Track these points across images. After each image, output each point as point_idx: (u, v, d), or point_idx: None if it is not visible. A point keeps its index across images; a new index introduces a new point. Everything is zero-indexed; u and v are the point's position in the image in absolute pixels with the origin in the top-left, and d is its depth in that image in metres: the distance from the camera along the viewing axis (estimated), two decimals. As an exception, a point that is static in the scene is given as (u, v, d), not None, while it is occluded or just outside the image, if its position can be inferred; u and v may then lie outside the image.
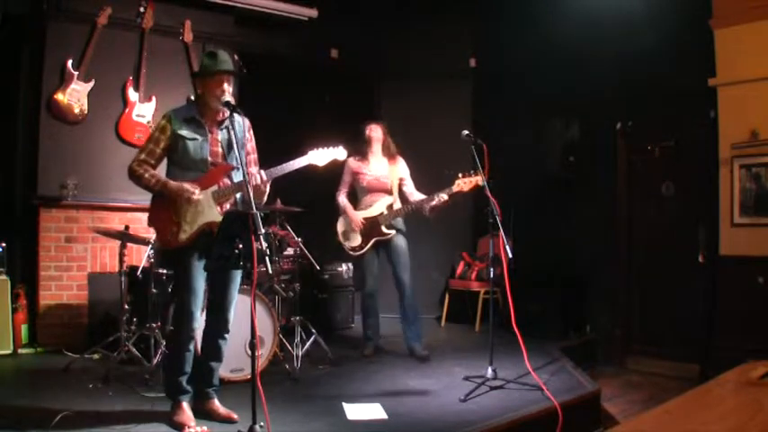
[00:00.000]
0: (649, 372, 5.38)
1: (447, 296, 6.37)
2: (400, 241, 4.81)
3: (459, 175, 4.45)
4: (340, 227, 4.92)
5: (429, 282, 6.70)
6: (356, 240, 4.81)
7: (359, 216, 4.79)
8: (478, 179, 4.29)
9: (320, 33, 6.41)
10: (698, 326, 5.11)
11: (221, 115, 3.30)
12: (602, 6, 5.60)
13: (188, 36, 5.58)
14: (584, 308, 6.00)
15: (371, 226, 4.77)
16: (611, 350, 5.75)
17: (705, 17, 5.00)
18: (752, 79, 4.77)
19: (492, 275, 4.31)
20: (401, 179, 4.87)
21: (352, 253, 4.85)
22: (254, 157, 3.47)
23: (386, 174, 4.85)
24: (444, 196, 4.50)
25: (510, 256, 3.87)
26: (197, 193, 3.16)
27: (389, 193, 4.84)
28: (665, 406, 2.13)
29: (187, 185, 3.17)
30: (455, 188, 4.46)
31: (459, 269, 6.40)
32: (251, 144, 3.46)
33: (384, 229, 4.76)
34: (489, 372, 3.97)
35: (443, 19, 6.86)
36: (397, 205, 4.81)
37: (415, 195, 4.81)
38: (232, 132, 3.24)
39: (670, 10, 5.24)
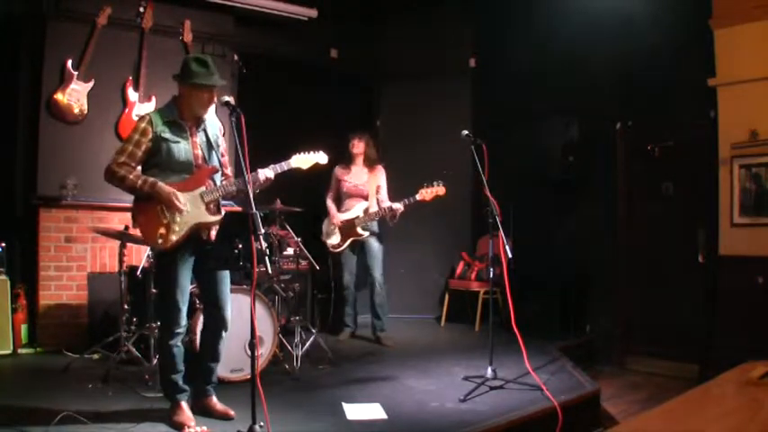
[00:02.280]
0: (649, 372, 5.38)
1: (447, 296, 6.37)
2: (374, 243, 5.35)
3: (425, 185, 4.95)
4: (324, 226, 5.48)
5: (429, 282, 6.71)
6: (336, 239, 5.36)
7: (339, 217, 5.32)
8: (439, 190, 4.93)
9: (320, 33, 6.41)
10: (698, 326, 5.10)
11: (201, 117, 3.28)
12: (601, 6, 5.60)
13: (188, 36, 5.58)
14: (584, 308, 6.00)
15: (349, 227, 5.30)
16: (611, 350, 5.75)
17: (705, 17, 5.00)
18: (752, 79, 4.77)
19: (492, 275, 4.32)
20: (378, 186, 5.35)
21: (332, 250, 5.39)
22: (226, 158, 3.46)
23: (363, 181, 5.37)
24: (400, 207, 5.04)
25: (510, 256, 3.88)
26: (183, 204, 3.13)
27: (366, 198, 5.34)
28: (665, 406, 2.13)
29: (178, 194, 3.12)
30: (418, 197, 4.97)
31: (459, 269, 6.40)
32: (224, 146, 3.44)
33: (359, 230, 5.27)
34: (489, 372, 3.98)
35: (443, 19, 6.86)
36: (373, 209, 5.27)
37: (386, 203, 5.26)
38: (209, 133, 3.29)
39: (670, 10, 5.24)
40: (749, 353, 3.28)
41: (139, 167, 3.21)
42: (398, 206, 5.06)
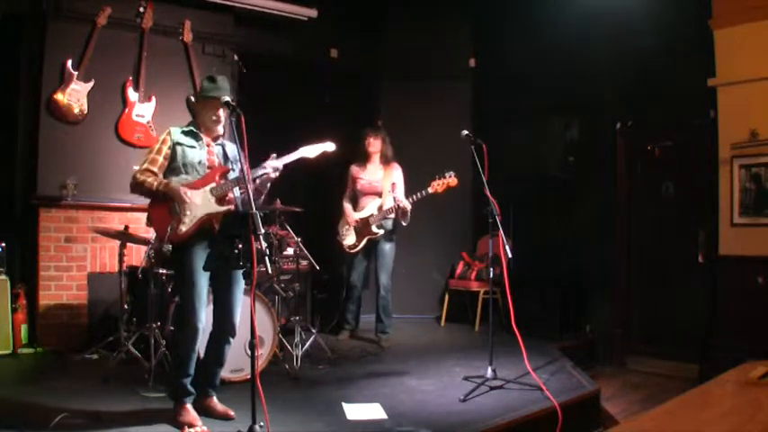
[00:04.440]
0: (649, 372, 5.38)
1: (447, 296, 6.37)
2: (386, 245, 5.30)
3: (436, 177, 4.85)
4: (340, 226, 5.41)
5: (429, 282, 6.70)
6: (351, 239, 5.31)
7: (354, 216, 5.27)
8: (451, 181, 4.83)
9: (320, 33, 6.40)
10: (698, 326, 5.10)
11: (216, 133, 3.45)
12: (602, 6, 5.60)
13: (188, 36, 5.58)
14: (584, 308, 6.00)
15: (364, 225, 5.25)
16: (611, 350, 5.75)
17: (705, 17, 5.00)
18: (752, 79, 4.77)
19: (491, 275, 4.32)
20: (393, 184, 5.23)
21: (349, 250, 5.34)
22: (245, 166, 3.51)
23: (378, 179, 5.29)
24: (407, 205, 4.93)
25: (509, 256, 3.88)
26: (190, 197, 3.24)
27: (380, 195, 5.25)
28: (665, 406, 2.14)
29: (187, 189, 3.25)
30: (430, 190, 4.88)
31: (459, 269, 6.40)
32: (246, 166, 3.48)
33: (374, 229, 5.20)
34: (489, 372, 3.98)
35: (443, 19, 6.86)
36: (386, 206, 5.17)
37: (400, 202, 5.12)
38: (227, 149, 3.45)
39: (670, 10, 5.24)
40: (749, 353, 3.28)
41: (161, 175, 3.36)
42: (405, 203, 4.96)
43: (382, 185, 5.25)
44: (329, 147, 3.60)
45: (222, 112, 3.36)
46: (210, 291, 3.37)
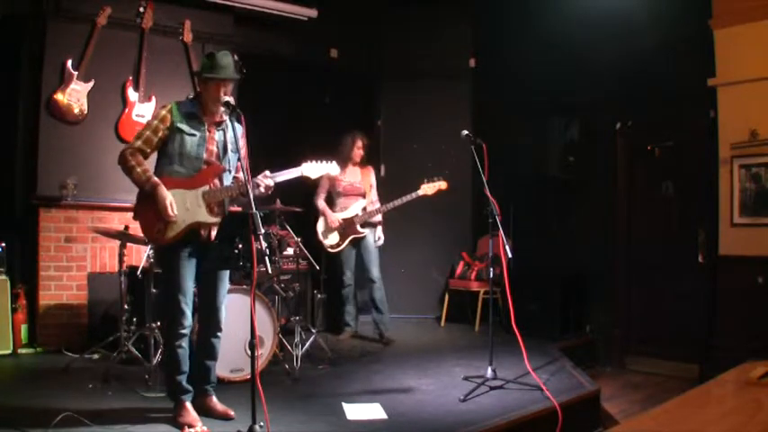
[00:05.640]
0: (649, 372, 5.39)
1: (447, 296, 6.37)
2: (371, 239, 5.34)
3: (426, 180, 5.02)
4: (320, 227, 5.42)
5: (429, 282, 6.70)
6: (334, 239, 5.34)
7: (338, 216, 5.30)
8: (441, 184, 5.01)
9: (320, 33, 6.40)
10: (698, 326, 5.11)
11: (219, 117, 3.31)
12: (601, 6, 5.60)
13: (188, 36, 5.58)
14: (584, 308, 6.00)
15: (348, 225, 5.31)
16: (611, 350, 5.75)
17: (705, 17, 5.00)
18: (752, 79, 4.77)
19: (491, 275, 4.32)
20: (370, 185, 5.40)
21: (330, 250, 5.38)
22: (245, 163, 3.45)
23: (359, 180, 5.40)
24: (389, 206, 5.15)
25: (509, 256, 3.88)
26: (175, 216, 3.14)
27: (363, 196, 5.36)
28: (664, 406, 2.14)
29: (174, 204, 3.13)
30: (420, 192, 5.02)
31: (459, 269, 6.40)
32: (244, 150, 3.43)
33: (359, 228, 5.28)
34: (489, 372, 3.98)
35: (443, 19, 6.86)
36: (371, 207, 5.31)
37: (376, 204, 5.38)
38: (228, 135, 3.28)
39: (670, 10, 5.25)
40: (749, 353, 3.29)
41: (154, 155, 3.28)
42: (378, 218, 5.25)
43: (363, 186, 5.35)
44: (333, 169, 3.55)
45: (225, 91, 3.20)
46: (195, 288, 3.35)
